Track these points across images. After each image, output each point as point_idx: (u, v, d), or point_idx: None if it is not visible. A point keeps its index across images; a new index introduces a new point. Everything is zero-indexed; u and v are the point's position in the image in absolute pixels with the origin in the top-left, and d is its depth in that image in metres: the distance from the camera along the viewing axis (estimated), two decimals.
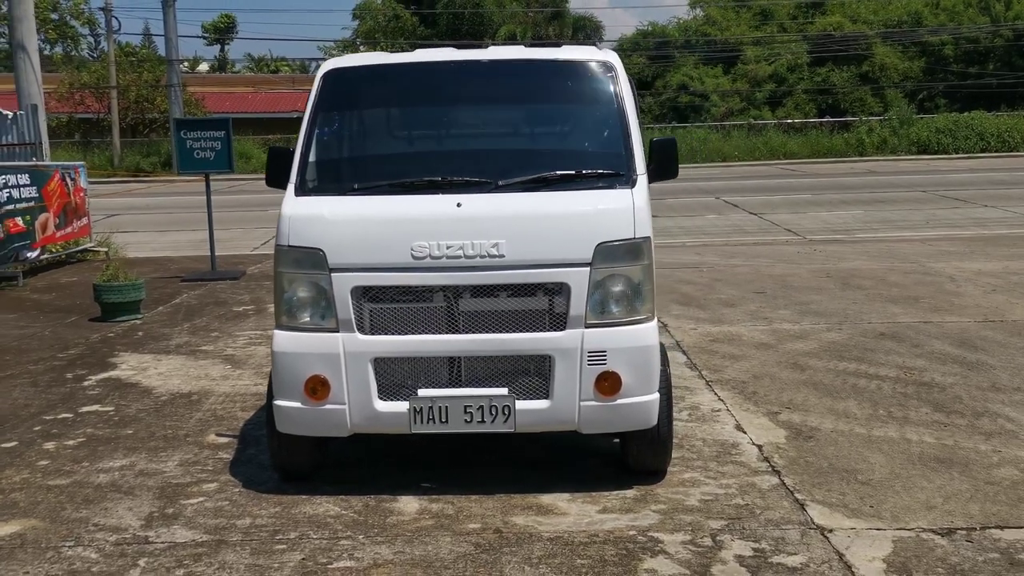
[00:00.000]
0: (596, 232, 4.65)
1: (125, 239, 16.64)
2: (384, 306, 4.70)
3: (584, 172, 4.95)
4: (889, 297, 9.80)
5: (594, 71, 5.30)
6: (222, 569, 4.09)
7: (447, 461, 5.36)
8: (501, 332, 4.67)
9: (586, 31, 42.94)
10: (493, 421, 4.64)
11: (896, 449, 5.36)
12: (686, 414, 6.07)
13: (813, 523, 4.41)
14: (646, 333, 4.72)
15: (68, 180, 14.38)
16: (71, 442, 5.84)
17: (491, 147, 5.52)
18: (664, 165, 5.22)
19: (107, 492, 5.00)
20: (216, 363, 7.75)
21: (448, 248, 4.61)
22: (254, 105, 44.00)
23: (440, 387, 4.70)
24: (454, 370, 4.73)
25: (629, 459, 5.01)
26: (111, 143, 37.83)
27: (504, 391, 4.65)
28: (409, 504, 4.74)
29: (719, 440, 5.58)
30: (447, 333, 4.70)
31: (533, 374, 4.70)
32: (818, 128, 38.71)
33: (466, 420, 4.63)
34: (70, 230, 14.38)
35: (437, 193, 4.79)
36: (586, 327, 4.64)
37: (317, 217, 4.76)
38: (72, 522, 4.62)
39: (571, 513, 4.60)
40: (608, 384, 4.64)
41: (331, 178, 5.11)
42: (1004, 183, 23.44)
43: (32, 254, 13.02)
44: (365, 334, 4.69)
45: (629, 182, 4.86)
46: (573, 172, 4.94)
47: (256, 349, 8.17)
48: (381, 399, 4.69)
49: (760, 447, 5.45)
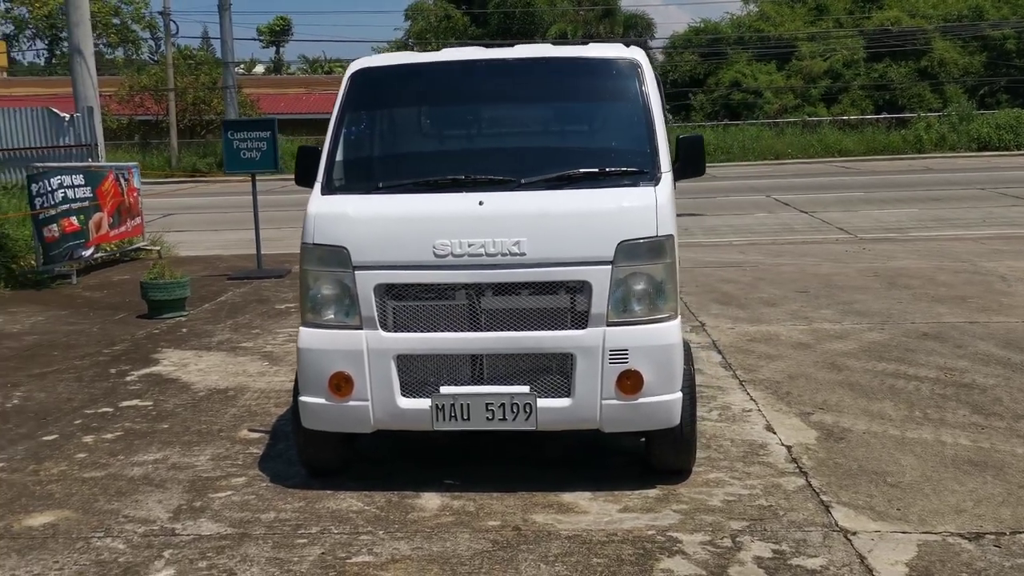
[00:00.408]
0: (618, 230, 4.63)
1: (178, 238, 16.98)
2: (407, 304, 4.73)
3: (608, 170, 4.92)
4: (936, 297, 9.59)
5: (619, 69, 5.27)
6: (244, 562, 4.16)
7: (472, 458, 5.39)
8: (523, 330, 4.67)
9: (637, 29, 42.66)
10: (515, 419, 4.64)
11: (929, 451, 5.25)
12: (716, 414, 6.01)
13: (837, 525, 4.34)
14: (669, 332, 4.69)
15: (122, 180, 14.71)
16: (109, 436, 5.99)
17: (515, 145, 5.53)
18: (690, 163, 5.20)
19: (139, 485, 5.12)
20: (255, 359, 7.88)
21: (470, 246, 4.62)
22: (307, 106, 44.54)
23: (462, 384, 4.71)
24: (476, 368, 4.74)
25: (652, 458, 4.98)
26: (169, 144, 38.61)
27: (526, 389, 4.65)
28: (431, 500, 4.77)
29: (747, 440, 5.52)
30: (469, 331, 4.71)
31: (555, 372, 4.70)
32: (874, 125, 37.99)
33: (488, 418, 4.64)
34: (123, 229, 14.70)
35: (461, 191, 4.81)
36: (608, 325, 4.62)
37: (341, 215, 4.81)
38: (103, 513, 4.74)
39: (591, 511, 4.58)
40: (630, 383, 4.62)
41: (357, 177, 5.16)
42: None
43: (86, 253, 13.34)
44: (388, 331, 4.72)
45: (653, 180, 4.83)
46: (596, 170, 4.92)
47: (294, 346, 8.22)
48: (404, 396, 4.72)
49: (789, 448, 5.37)
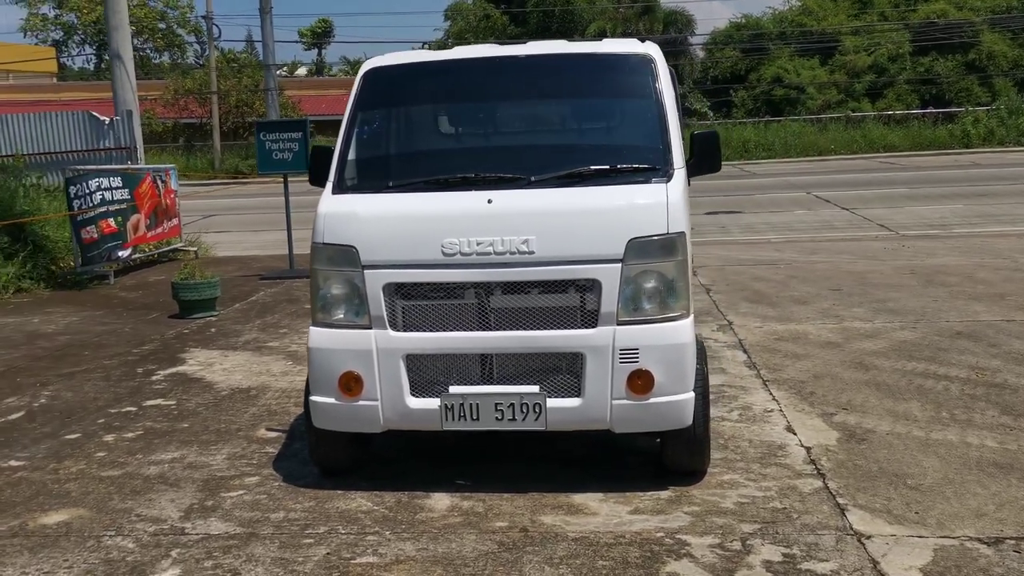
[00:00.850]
0: (628, 227, 4.56)
1: (217, 238, 17.16)
2: (416, 303, 4.71)
3: (619, 167, 4.86)
4: (973, 294, 9.36)
5: (632, 64, 5.20)
6: (249, 561, 4.16)
7: (484, 458, 5.34)
8: (532, 329, 4.62)
9: (677, 25, 42.31)
10: (524, 419, 4.59)
11: (953, 453, 5.11)
12: (736, 414, 5.91)
13: (851, 529, 4.24)
14: (680, 330, 4.61)
15: (159, 182, 14.91)
16: (130, 435, 6.04)
17: (526, 143, 5.48)
18: (705, 159, 5.13)
19: (154, 484, 5.15)
20: (279, 359, 7.91)
21: (478, 245, 4.58)
22: None
23: (472, 384, 4.67)
24: (486, 367, 4.70)
25: (666, 459, 4.91)
26: (212, 146, 39.10)
27: (535, 389, 4.60)
28: (441, 501, 4.74)
29: (766, 441, 5.41)
30: (479, 330, 4.67)
31: (565, 372, 4.64)
32: (920, 120, 37.24)
33: (497, 418, 4.60)
34: (161, 230, 14.90)
35: (470, 190, 4.77)
36: (618, 324, 4.55)
37: (351, 215, 4.80)
38: (116, 512, 4.78)
39: (601, 513, 4.52)
40: (641, 382, 4.55)
41: (367, 176, 5.14)
42: None
43: (124, 253, 13.54)
44: (397, 331, 4.70)
45: (665, 176, 4.75)
46: (607, 167, 4.85)
47: None
48: (413, 395, 4.70)
49: (808, 449, 5.26)
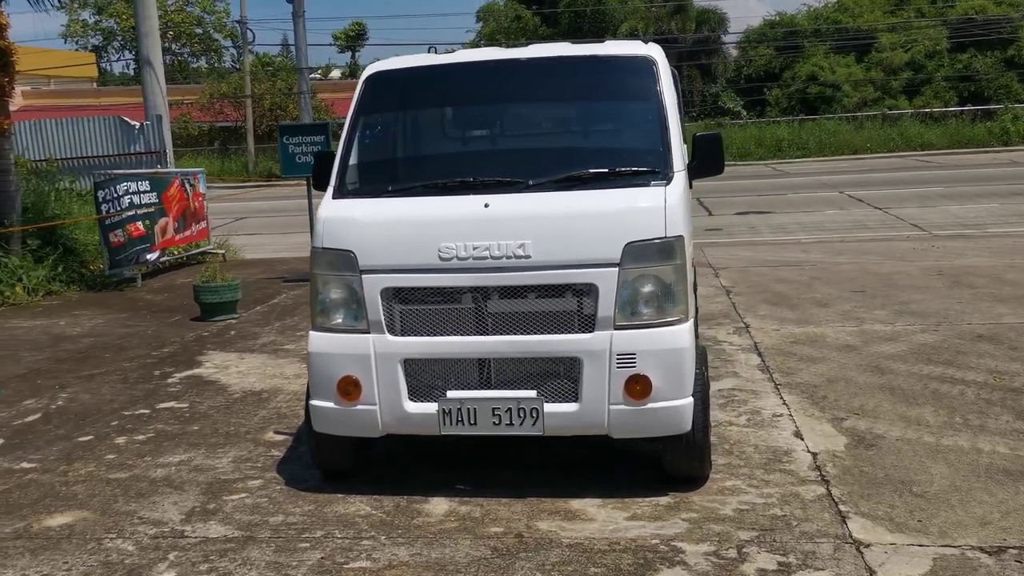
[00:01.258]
0: (625, 231, 4.52)
1: (246, 240, 17.34)
2: (414, 307, 4.70)
3: (618, 169, 4.82)
4: (999, 296, 9.18)
5: (633, 66, 5.16)
6: (244, 565, 4.19)
7: (486, 462, 5.33)
8: (529, 334, 4.60)
9: (710, 24, 42.01)
10: (521, 424, 4.57)
11: (963, 460, 5.01)
12: (744, 419, 5.84)
13: (850, 537, 4.16)
14: (678, 335, 4.56)
15: (187, 186, 15.07)
16: (140, 437, 6.11)
17: (525, 146, 5.46)
18: (708, 161, 5.09)
19: (159, 486, 5.20)
20: (294, 362, 7.96)
21: (475, 249, 4.57)
22: None
23: (469, 388, 4.66)
24: (483, 372, 4.68)
25: (665, 465, 4.86)
26: (246, 149, 39.49)
27: (532, 393, 4.58)
28: (439, 505, 4.73)
29: (772, 447, 5.34)
30: (476, 334, 4.66)
31: (562, 376, 4.61)
32: (958, 117, 36.67)
33: (494, 422, 4.59)
34: (189, 233, 15.06)
35: (468, 194, 4.76)
36: (615, 329, 4.52)
37: (349, 219, 4.81)
38: (120, 515, 4.83)
39: (597, 519, 4.49)
40: (638, 387, 4.51)
41: (367, 181, 5.14)
42: None
43: (151, 257, 13.70)
44: (395, 335, 4.70)
45: (664, 179, 4.71)
46: (606, 170, 4.82)
47: None
48: (411, 400, 4.70)
49: (815, 455, 5.18)
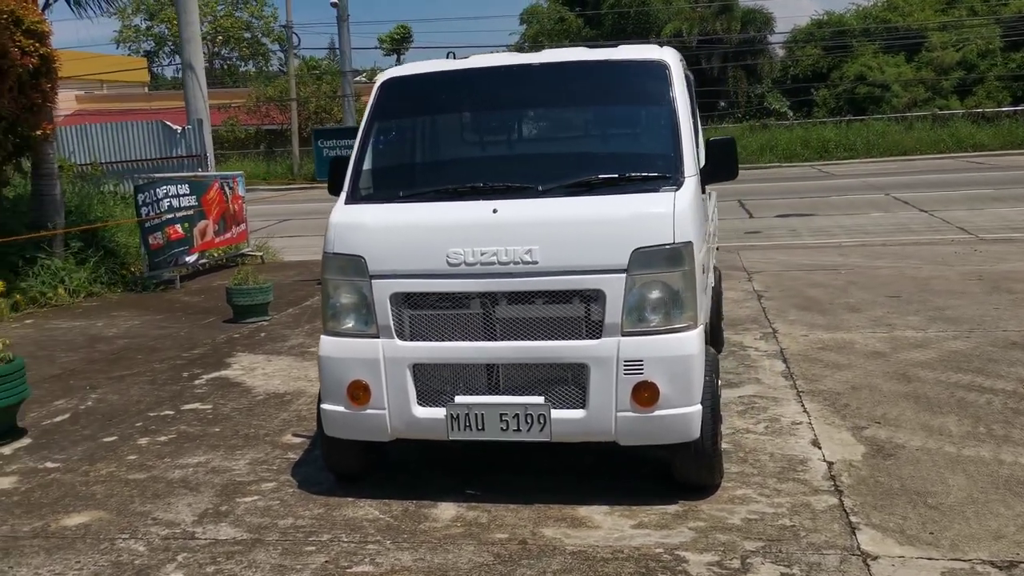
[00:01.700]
0: (633, 237, 4.49)
1: (287, 243, 17.54)
2: (422, 312, 4.72)
3: (628, 175, 4.79)
4: None
5: (645, 71, 5.12)
6: (249, 567, 4.23)
7: (497, 467, 5.31)
8: (537, 340, 4.59)
9: (756, 24, 41.55)
10: (529, 430, 4.56)
11: (983, 471, 4.89)
12: (763, 427, 5.77)
13: (858, 549, 4.09)
14: (686, 342, 4.52)
15: (227, 189, 15.30)
16: (162, 438, 6.20)
17: (536, 151, 5.45)
18: (722, 165, 5.04)
19: (176, 488, 5.28)
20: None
21: (482, 255, 4.57)
22: None
23: (478, 394, 4.66)
24: (492, 377, 4.68)
25: (675, 473, 4.82)
26: (291, 152, 39.94)
27: (540, 400, 4.57)
28: (447, 511, 4.74)
29: (788, 455, 5.26)
30: (484, 340, 4.66)
31: (570, 383, 4.60)
32: (1012, 118, 35.83)
33: (502, 428, 4.58)
34: (228, 236, 15.28)
35: (478, 199, 4.77)
36: (622, 335, 4.49)
37: (359, 225, 4.84)
38: (135, 515, 4.91)
39: (603, 527, 4.46)
40: (646, 394, 4.47)
41: (379, 186, 5.17)
42: None
43: (190, 259, 13.92)
44: (404, 340, 4.72)
45: (675, 184, 4.67)
46: (616, 175, 4.79)
47: None
48: (420, 405, 4.71)
49: (831, 464, 5.10)
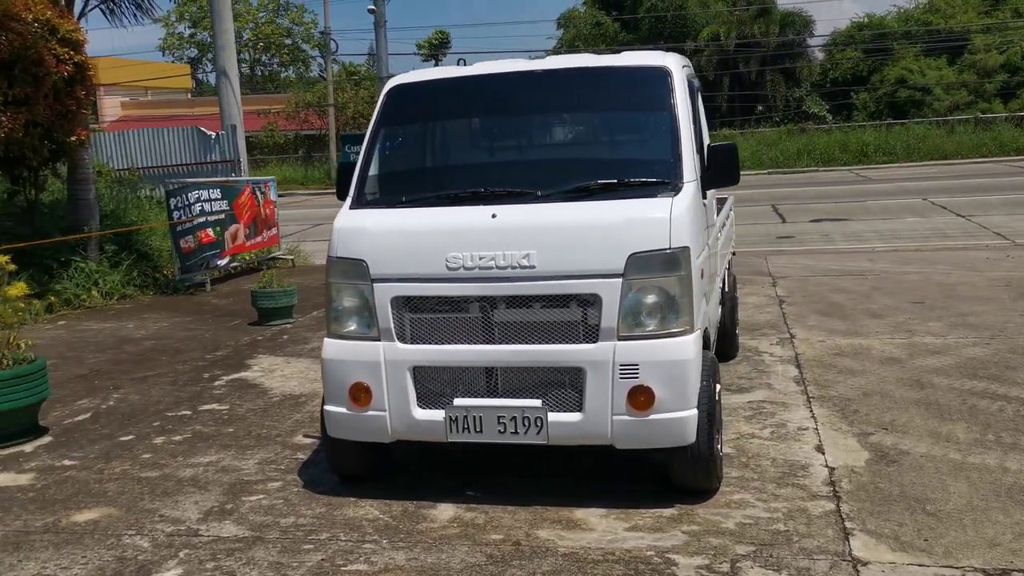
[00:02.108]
0: (629, 242, 4.52)
1: (319, 247, 17.65)
2: (423, 316, 4.79)
3: (627, 180, 4.82)
4: None
5: (647, 77, 5.15)
6: (248, 564, 4.32)
7: (499, 469, 5.36)
8: (534, 343, 4.64)
9: (795, 27, 41.24)
10: (526, 432, 4.61)
11: (986, 479, 4.84)
12: (769, 432, 5.75)
13: (849, 555, 4.08)
14: (682, 347, 4.54)
15: (258, 193, 15.52)
16: (177, 438, 6.34)
17: (537, 157, 5.49)
18: (723, 171, 5.06)
19: (185, 486, 5.39)
20: None
21: (481, 259, 4.63)
22: None
23: (476, 396, 4.72)
24: (491, 380, 4.74)
25: (672, 477, 4.83)
26: (328, 157, 40.33)
27: (537, 403, 4.61)
28: (445, 511, 4.80)
29: (790, 461, 5.25)
30: (483, 343, 4.71)
31: (567, 386, 4.63)
32: None
33: (499, 431, 4.63)
34: (259, 240, 15.51)
35: (478, 204, 4.83)
36: (619, 340, 4.52)
37: (362, 229, 4.92)
38: (143, 512, 5.03)
39: (597, 529, 4.49)
40: (642, 398, 4.50)
41: (383, 191, 5.25)
42: None
43: (221, 262, 14.15)
44: (405, 343, 4.79)
45: (673, 190, 4.69)
46: (615, 181, 4.82)
47: None
48: (420, 407, 4.78)
49: (832, 470, 5.08)
